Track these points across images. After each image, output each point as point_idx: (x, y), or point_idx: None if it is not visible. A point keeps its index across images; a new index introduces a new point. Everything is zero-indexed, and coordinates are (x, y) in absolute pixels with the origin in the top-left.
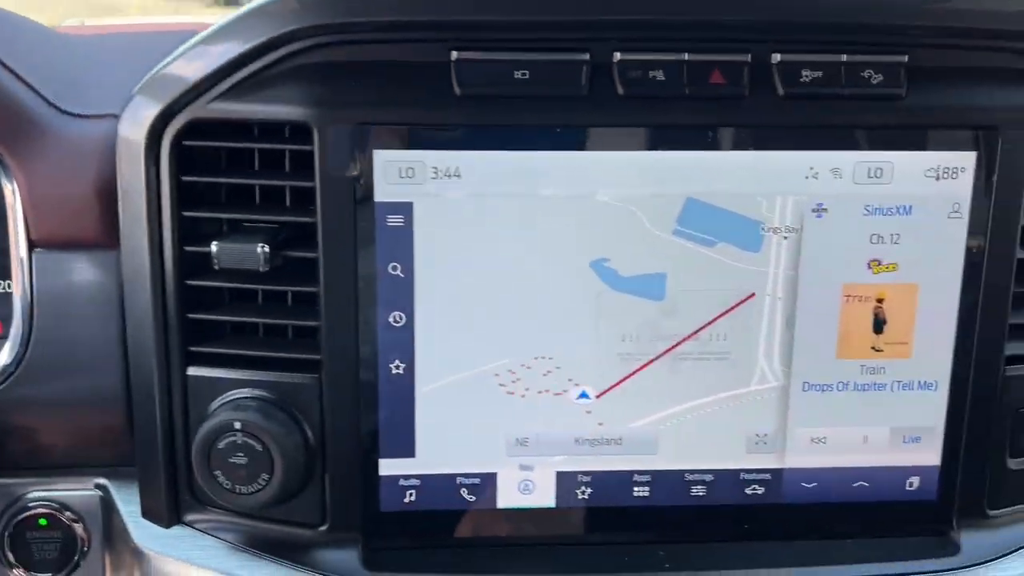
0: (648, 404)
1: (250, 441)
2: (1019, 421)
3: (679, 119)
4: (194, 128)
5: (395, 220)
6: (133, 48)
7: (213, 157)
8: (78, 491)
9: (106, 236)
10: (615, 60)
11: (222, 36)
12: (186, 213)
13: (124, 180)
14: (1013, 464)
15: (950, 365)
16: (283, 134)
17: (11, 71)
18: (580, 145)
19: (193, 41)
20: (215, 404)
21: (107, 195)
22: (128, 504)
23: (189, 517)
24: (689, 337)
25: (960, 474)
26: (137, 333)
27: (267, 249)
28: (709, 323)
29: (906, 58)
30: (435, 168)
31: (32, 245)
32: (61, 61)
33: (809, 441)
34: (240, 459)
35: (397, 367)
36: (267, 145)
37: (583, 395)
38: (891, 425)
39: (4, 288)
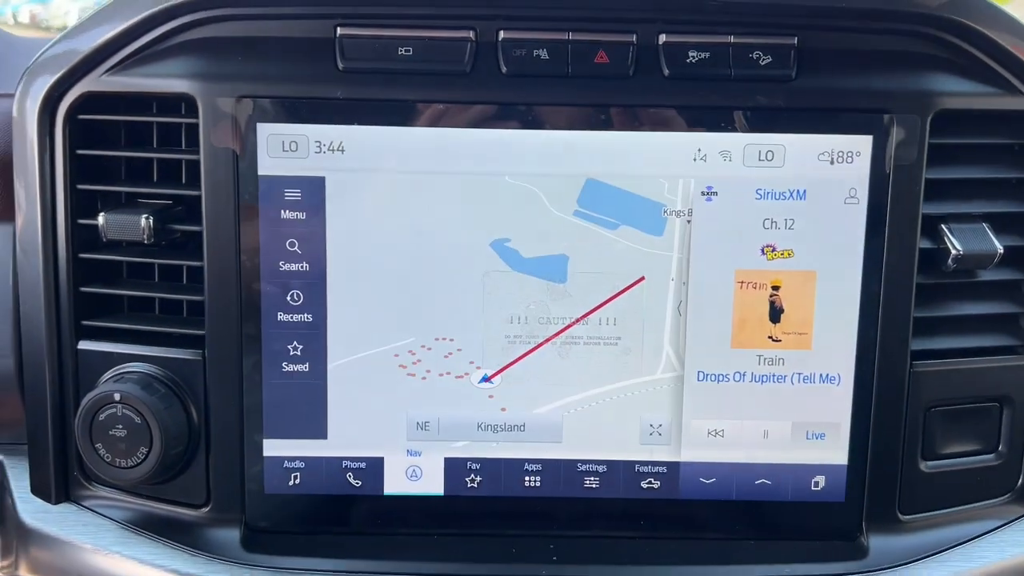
0: (545, 391)
1: (129, 413)
2: (930, 421)
3: (562, 98)
4: (89, 101)
5: (293, 194)
6: None
7: (114, 132)
8: None
9: (2, 209)
10: (499, 39)
11: (112, 11)
12: (80, 186)
13: (20, 153)
14: (926, 467)
15: (853, 358)
16: (178, 108)
17: None
18: (469, 123)
19: (85, 17)
20: (103, 378)
21: (5, 168)
22: (19, 481)
23: (77, 494)
24: (577, 321)
25: (868, 475)
26: (29, 306)
27: (151, 221)
28: (597, 307)
29: (795, 40)
30: (318, 142)
31: None
32: None
33: (706, 434)
34: (119, 431)
35: (295, 348)
36: (158, 119)
37: (485, 379)
38: (793, 420)
39: None
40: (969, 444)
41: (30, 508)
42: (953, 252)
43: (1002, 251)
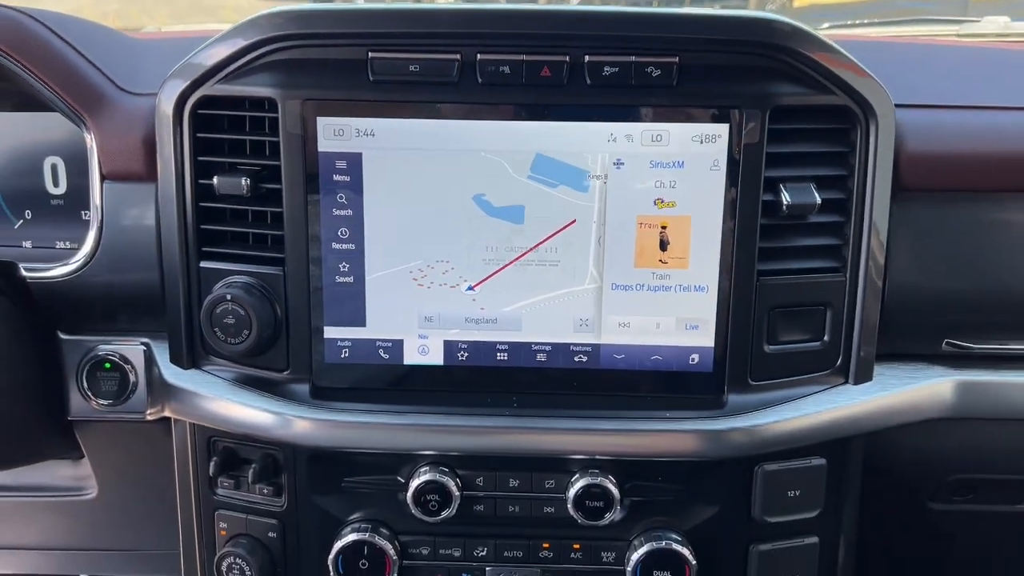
0: (510, 296)
1: (237, 308)
2: (772, 318)
3: (519, 99)
4: (205, 102)
5: (341, 164)
6: (179, 47)
7: (221, 121)
8: (131, 346)
9: (149, 173)
10: (477, 59)
11: (222, 40)
12: (200, 158)
13: (160, 135)
14: (769, 349)
15: (717, 275)
16: (264, 106)
17: (92, 64)
18: (457, 116)
19: (205, 44)
20: (217, 285)
21: (150, 145)
22: (162, 355)
23: (200, 363)
24: (530, 250)
25: (728, 354)
26: (167, 238)
27: (248, 182)
28: (544, 240)
29: (677, 59)
30: (357, 130)
31: (103, 178)
32: (128, 56)
33: (617, 325)
34: (230, 320)
35: (344, 266)
36: (251, 113)
37: (469, 288)
38: (676, 316)
39: (85, 216)
40: (802, 334)
41: (170, 372)
42: (785, 203)
43: (819, 202)
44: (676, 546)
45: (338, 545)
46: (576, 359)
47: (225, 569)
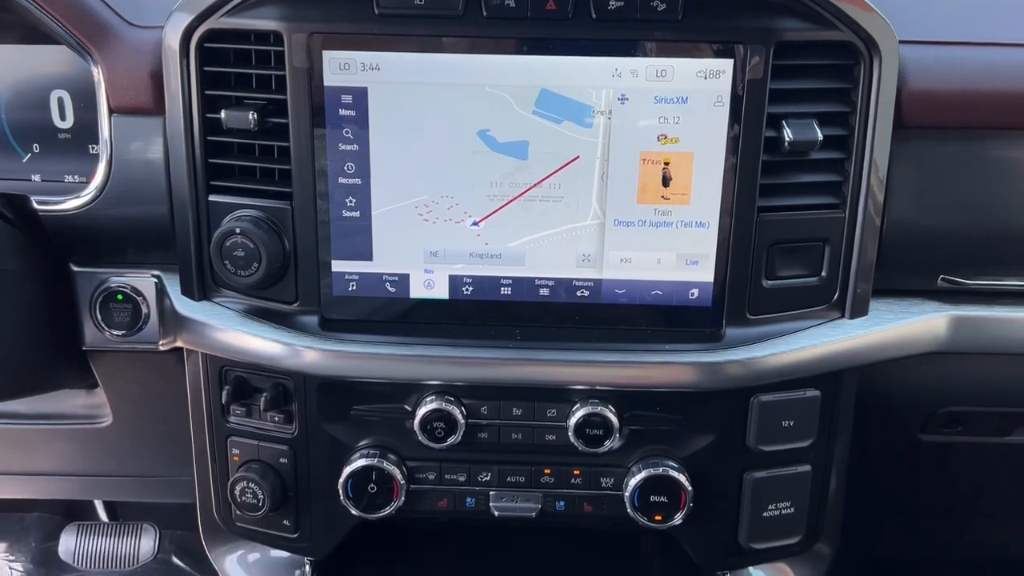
0: (514, 231)
1: (246, 241)
2: (771, 254)
3: (524, 33)
4: (211, 35)
5: (347, 98)
6: None
7: (227, 55)
8: (142, 278)
9: (157, 106)
10: None
11: None
12: (207, 92)
13: (167, 69)
14: (768, 284)
15: (718, 211)
16: (270, 39)
17: None
18: (462, 50)
19: None
20: (226, 219)
21: (158, 79)
22: (173, 286)
23: (211, 294)
24: (534, 186)
25: (727, 289)
26: (176, 172)
27: (256, 115)
28: (548, 176)
29: None
30: (363, 63)
31: (112, 111)
32: None
33: (619, 261)
34: (240, 253)
35: (350, 201)
36: (257, 47)
37: (474, 223)
38: (677, 252)
39: (94, 150)
40: (800, 269)
41: (181, 304)
42: (787, 139)
43: (821, 139)
44: (673, 472)
45: (347, 470)
46: (578, 294)
47: (238, 493)
